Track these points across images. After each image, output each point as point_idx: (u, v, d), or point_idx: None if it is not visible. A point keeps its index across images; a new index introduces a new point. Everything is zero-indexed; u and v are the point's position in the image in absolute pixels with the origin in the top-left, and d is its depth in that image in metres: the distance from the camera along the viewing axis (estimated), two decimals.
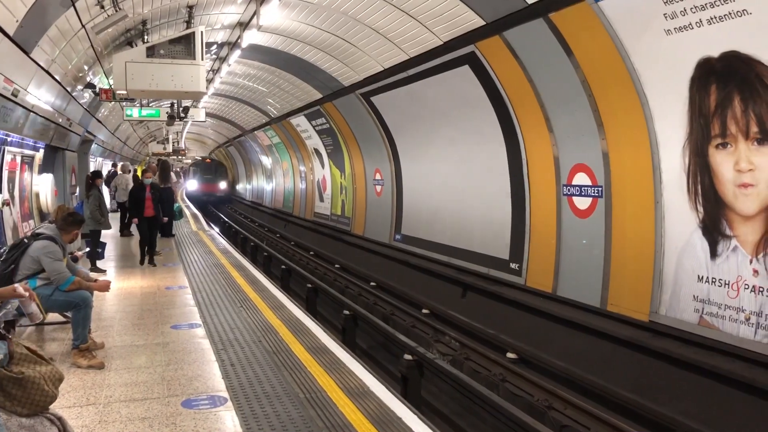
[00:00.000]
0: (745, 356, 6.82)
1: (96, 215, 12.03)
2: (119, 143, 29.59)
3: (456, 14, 10.19)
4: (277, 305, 9.05)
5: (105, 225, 12.35)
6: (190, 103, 22.61)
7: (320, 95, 18.84)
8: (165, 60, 11.01)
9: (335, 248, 21.15)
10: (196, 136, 51.77)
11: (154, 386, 5.62)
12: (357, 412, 5.05)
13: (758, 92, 6.44)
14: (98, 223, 12.08)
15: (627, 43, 7.78)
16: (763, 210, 6.63)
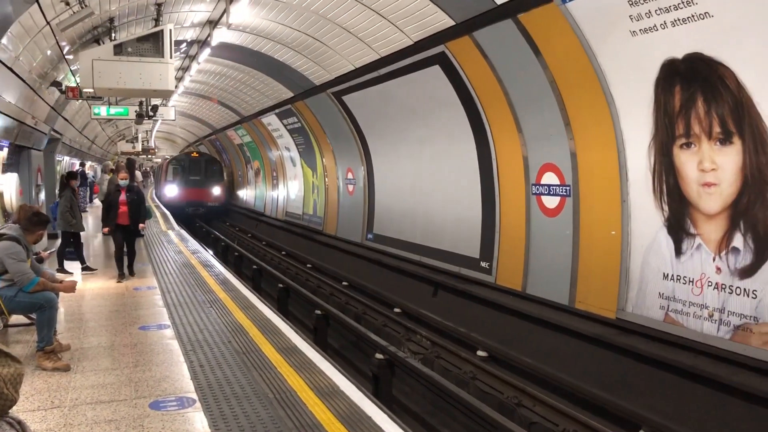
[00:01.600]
0: (709, 352, 6.95)
1: (67, 216, 11.83)
2: (87, 142, 29.14)
3: (426, 14, 10.23)
4: (247, 305, 9.00)
5: (76, 227, 12.03)
6: (159, 102, 22.34)
7: (291, 94, 18.77)
8: (133, 58, 10.87)
9: (307, 248, 21.09)
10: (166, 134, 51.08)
11: (121, 388, 5.56)
12: (327, 411, 5.05)
13: (720, 93, 6.57)
14: (68, 224, 11.88)
15: (594, 44, 7.89)
16: (725, 209, 6.76)
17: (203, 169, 33.53)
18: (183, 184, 32.83)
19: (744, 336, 6.60)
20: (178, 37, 15.27)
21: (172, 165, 34.23)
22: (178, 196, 32.77)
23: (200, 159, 34.39)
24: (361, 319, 12.68)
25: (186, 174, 33.21)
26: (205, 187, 33.04)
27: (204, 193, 32.99)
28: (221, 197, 33.80)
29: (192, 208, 32.40)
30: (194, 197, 32.54)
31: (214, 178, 33.73)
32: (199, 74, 20.59)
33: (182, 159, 35.04)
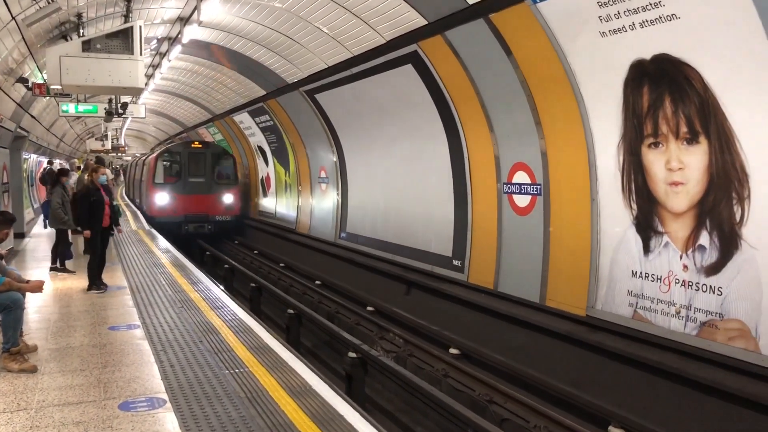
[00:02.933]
0: (676, 348, 7.07)
1: (59, 214, 11.53)
2: (55, 140, 28.65)
3: (399, 13, 10.25)
4: (219, 305, 8.93)
5: (69, 224, 11.58)
6: (129, 99, 22.06)
7: (264, 92, 18.66)
8: (102, 54, 10.71)
9: (280, 247, 21.00)
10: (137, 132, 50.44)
11: (90, 389, 5.48)
12: (299, 411, 5.04)
13: (687, 94, 6.69)
14: (61, 222, 11.60)
15: (564, 44, 7.97)
16: (692, 207, 6.89)
17: (210, 166, 23.17)
18: (179, 190, 22.63)
19: (710, 332, 6.72)
20: (148, 34, 15.10)
21: (162, 161, 23.35)
22: (173, 207, 22.41)
23: (205, 151, 23.47)
24: (334, 318, 12.67)
25: (184, 174, 22.85)
26: (212, 193, 22.87)
27: (211, 203, 22.71)
28: (235, 207, 23.53)
29: (193, 225, 22.42)
30: (197, 208, 22.45)
31: (226, 179, 23.57)
32: (170, 72, 20.36)
33: (178, 151, 23.61)
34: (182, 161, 23.13)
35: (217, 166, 23.69)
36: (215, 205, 23.00)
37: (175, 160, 23.38)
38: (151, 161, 24.19)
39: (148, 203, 23.75)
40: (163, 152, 24.35)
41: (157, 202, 22.63)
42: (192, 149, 23.50)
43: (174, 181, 22.96)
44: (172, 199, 22.57)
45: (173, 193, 22.70)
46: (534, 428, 7.24)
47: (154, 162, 23.52)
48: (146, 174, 24.73)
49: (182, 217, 22.42)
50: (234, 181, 23.81)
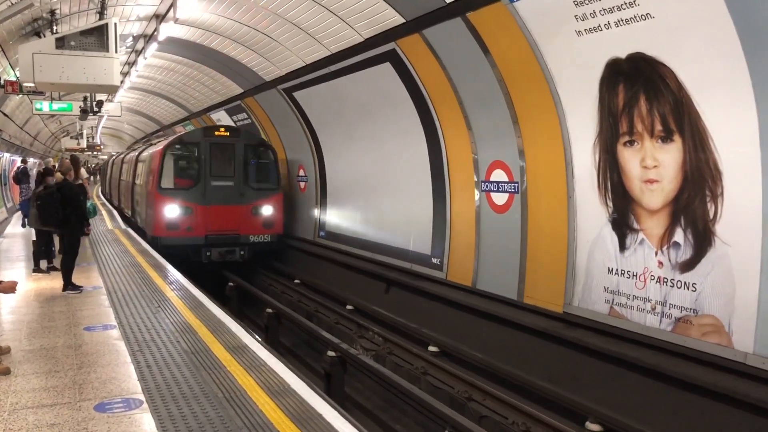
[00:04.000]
0: (651, 344, 7.16)
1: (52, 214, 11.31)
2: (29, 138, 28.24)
3: (376, 11, 10.24)
4: (196, 305, 8.87)
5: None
6: (104, 97, 21.83)
7: (241, 90, 18.55)
8: (76, 52, 10.60)
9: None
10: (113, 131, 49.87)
11: (64, 391, 5.41)
12: (277, 410, 5.02)
13: (662, 92, 6.77)
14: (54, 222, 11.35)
15: (541, 43, 8.02)
16: (667, 204, 6.97)
17: (241, 163, 16.40)
18: (198, 198, 15.89)
19: (684, 328, 6.81)
20: (123, 31, 14.95)
21: (171, 156, 16.36)
22: (188, 224, 15.75)
23: (235, 141, 16.51)
24: (313, 317, 12.65)
25: (204, 175, 16.06)
26: (246, 203, 16.31)
27: (244, 217, 16.25)
28: (277, 223, 16.86)
29: (219, 249, 15.93)
30: (224, 225, 15.99)
31: (265, 181, 16.93)
32: (146, 69, 20.17)
33: (195, 141, 16.41)
34: (202, 156, 15.85)
35: (253, 162, 16.55)
36: (249, 219, 16.04)
37: (191, 155, 16.11)
38: (155, 157, 16.44)
39: (149, 218, 16.15)
40: (173, 143, 16.38)
41: (164, 217, 15.32)
42: (215, 138, 16.03)
43: (190, 186, 15.78)
44: (188, 211, 15.54)
45: (189, 204, 15.56)
46: (512, 425, 7.29)
47: (159, 158, 15.95)
48: (145, 175, 17.55)
49: (202, 239, 15.50)
50: (275, 184, 16.72)
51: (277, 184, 17.05)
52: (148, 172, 17.31)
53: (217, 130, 16.65)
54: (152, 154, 17.32)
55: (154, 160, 16.71)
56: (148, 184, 16.92)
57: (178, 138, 17.16)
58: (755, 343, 6.08)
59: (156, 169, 16.07)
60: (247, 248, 16.21)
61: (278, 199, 16.93)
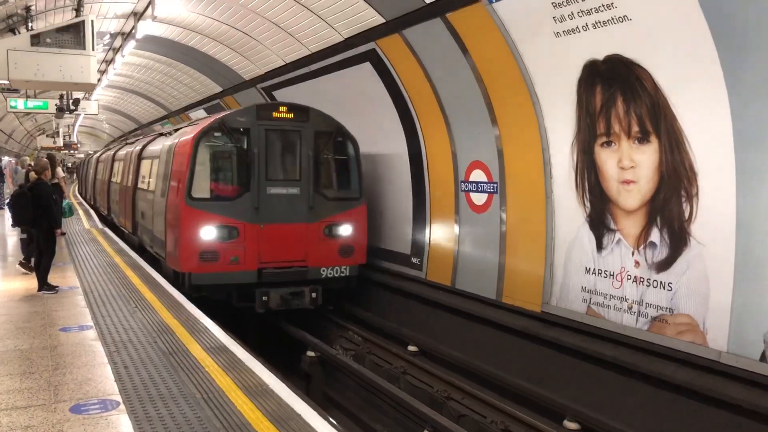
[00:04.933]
0: (628, 343, 7.23)
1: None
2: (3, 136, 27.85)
3: (356, 11, 10.25)
4: (174, 305, 8.80)
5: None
6: (81, 95, 21.59)
7: (220, 88, 18.46)
8: (52, 49, 10.48)
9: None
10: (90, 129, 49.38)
11: (39, 392, 5.34)
12: (256, 411, 5.00)
13: (638, 94, 6.84)
14: None
15: (519, 44, 8.07)
16: (643, 205, 7.05)
17: (311, 160, 11.14)
18: (247, 213, 10.68)
19: (660, 327, 6.89)
20: (100, 29, 14.80)
21: (208, 146, 10.80)
22: (233, 252, 10.59)
23: (301, 127, 11.16)
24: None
25: (257, 176, 10.80)
26: (316, 219, 11.15)
27: (314, 240, 11.13)
28: (358, 248, 11.63)
29: (280, 292, 10.73)
30: (285, 253, 10.92)
31: (343, 187, 11.85)
32: (124, 67, 19.99)
33: (244, 126, 10.84)
34: (253, 149, 10.70)
35: (325, 158, 11.47)
36: (322, 244, 11.07)
37: (238, 147, 10.82)
38: (180, 151, 11.20)
39: (172, 244, 11.01)
40: (211, 129, 10.76)
41: (198, 243, 10.33)
42: (274, 122, 10.91)
43: (234, 195, 10.71)
44: (232, 234, 10.50)
45: (234, 222, 10.53)
46: (491, 423, 7.34)
47: (188, 152, 10.60)
48: (159, 179, 12.39)
49: (254, 275, 10.58)
50: (358, 191, 11.59)
51: (360, 191, 11.49)
52: (167, 175, 11.57)
53: (276, 110, 10.90)
54: (174, 148, 11.58)
55: (178, 156, 11.13)
56: (169, 192, 11.16)
57: (218, 121, 10.71)
58: (729, 341, 6.17)
59: (183, 169, 10.50)
60: (320, 287, 10.89)
61: (361, 213, 11.44)
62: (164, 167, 12.04)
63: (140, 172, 15.16)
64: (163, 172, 12.04)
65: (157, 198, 12.23)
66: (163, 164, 12.16)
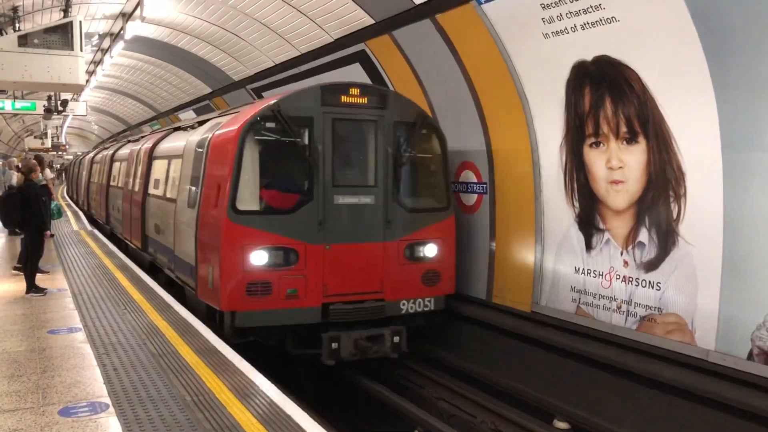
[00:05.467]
0: (618, 342, 7.26)
1: None
2: None
3: (346, 12, 10.26)
4: (163, 306, 8.77)
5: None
6: (69, 96, 21.49)
7: (209, 89, 18.42)
8: (40, 50, 10.42)
9: None
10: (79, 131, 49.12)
11: (27, 395, 5.31)
12: (246, 412, 4.99)
13: (626, 94, 6.88)
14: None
15: (509, 45, 8.09)
16: (632, 205, 7.09)
17: (388, 160, 8.47)
18: (309, 230, 8.04)
19: (649, 326, 6.93)
20: (89, 30, 14.73)
21: (257, 141, 8.07)
22: (289, 282, 7.94)
23: (378, 115, 8.44)
24: None
25: (320, 179, 8.13)
26: (393, 237, 8.46)
27: (392, 264, 8.44)
28: (445, 274, 8.92)
29: (354, 336, 8.05)
30: (355, 284, 8.27)
31: (428, 194, 9.18)
32: (113, 68, 19.91)
33: (305, 113, 8.14)
34: (316, 144, 8.19)
35: (407, 157, 8.78)
36: (401, 269, 8.60)
37: (294, 143, 8.18)
38: (219, 147, 8.64)
39: (206, 270, 8.42)
40: (262, 118, 8.08)
41: (244, 270, 7.85)
42: (343, 109, 8.38)
43: (293, 205, 8.19)
44: (289, 258, 8.04)
45: (291, 241, 8.05)
46: (481, 423, 7.35)
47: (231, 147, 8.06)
48: (185, 183, 9.83)
49: (316, 312, 8.12)
50: (445, 199, 9.06)
51: (448, 199, 8.97)
52: (198, 179, 8.95)
53: (346, 93, 8.33)
54: (207, 144, 8.89)
55: (215, 154, 8.59)
56: (202, 202, 8.59)
57: (270, 107, 8.00)
58: (717, 340, 6.22)
59: (224, 172, 8.04)
60: (404, 328, 8.41)
61: (449, 228, 8.94)
62: (191, 169, 9.45)
63: (152, 174, 12.56)
64: (190, 175, 9.41)
65: (182, 208, 9.64)
66: (190, 165, 9.60)
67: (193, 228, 8.78)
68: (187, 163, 9.85)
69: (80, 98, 23.30)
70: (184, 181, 9.83)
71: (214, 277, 7.96)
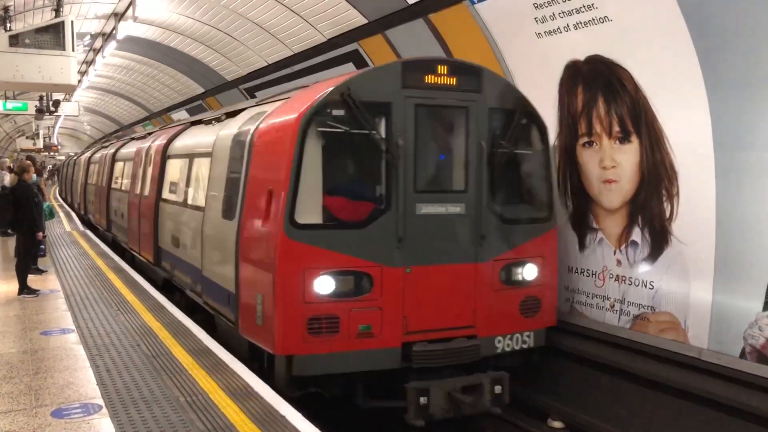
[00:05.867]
0: (611, 341, 7.27)
1: None
2: None
3: (339, 11, 10.26)
4: (156, 307, 8.74)
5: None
6: (61, 97, 21.40)
7: (202, 89, 18.38)
8: (31, 50, 10.39)
9: None
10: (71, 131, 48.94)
11: (20, 397, 5.28)
12: (240, 413, 4.98)
13: (619, 94, 6.90)
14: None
15: (502, 44, 8.11)
16: (624, 204, 7.10)
17: (481, 158, 6.65)
18: (385, 249, 6.26)
19: (642, 325, 6.94)
20: (81, 29, 14.67)
21: (321, 132, 6.21)
22: (361, 317, 6.16)
23: (469, 101, 6.61)
24: None
25: (399, 185, 6.30)
26: (487, 256, 6.68)
27: (482, 290, 6.64)
28: (547, 301, 7.16)
29: (447, 386, 6.20)
30: (443, 318, 6.47)
31: (528, 201, 7.34)
32: (105, 69, 19.84)
33: (382, 97, 6.30)
34: (396, 137, 6.31)
35: (503, 154, 6.80)
36: (498, 297, 6.79)
37: (371, 132, 6.27)
38: (267, 139, 6.84)
39: (251, 299, 6.57)
40: (327, 103, 6.18)
41: (306, 301, 6.05)
42: (427, 90, 6.49)
43: (365, 216, 6.36)
44: (361, 285, 6.24)
45: (364, 263, 6.24)
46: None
47: (288, 142, 6.16)
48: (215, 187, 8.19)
49: (395, 355, 6.28)
50: (546, 206, 7.25)
51: (550, 207, 7.27)
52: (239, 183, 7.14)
53: (432, 70, 6.56)
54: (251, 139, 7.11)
55: (262, 152, 6.89)
56: (245, 212, 6.90)
57: (339, 90, 6.23)
58: (709, 339, 6.24)
59: (277, 174, 6.31)
60: (507, 376, 6.61)
61: (551, 243, 7.27)
62: (226, 170, 7.73)
63: (166, 176, 11.04)
64: (224, 177, 7.71)
65: (213, 219, 7.95)
66: (222, 165, 7.88)
67: (232, 245, 6.97)
68: (218, 162, 8.11)
69: (72, 98, 23.22)
70: (214, 185, 8.10)
71: (264, 310, 6.20)
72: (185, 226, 9.44)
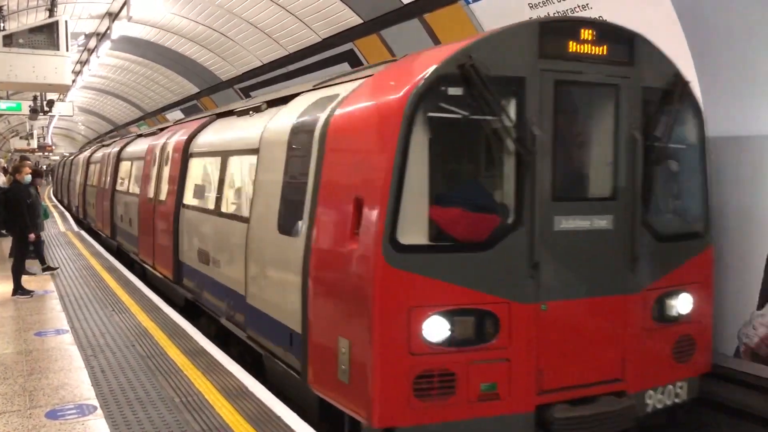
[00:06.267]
0: None
1: None
2: None
3: (334, 11, 10.25)
4: (151, 308, 8.72)
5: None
6: (56, 97, 21.34)
7: (197, 89, 18.36)
8: (25, 50, 10.36)
9: None
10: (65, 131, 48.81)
11: (14, 398, 5.27)
12: (235, 413, 4.97)
13: None
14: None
15: None
16: None
17: (637, 154, 4.90)
18: (515, 277, 4.52)
19: None
20: (75, 29, 14.63)
21: (430, 123, 4.42)
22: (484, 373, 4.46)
23: (619, 78, 4.85)
24: None
25: (530, 192, 4.51)
26: (638, 286, 4.95)
27: (632, 330, 4.92)
28: (701, 341, 5.35)
29: None
30: (582, 372, 4.76)
31: (682, 211, 5.68)
32: (99, 68, 19.79)
33: (512, 71, 4.51)
34: (530, 125, 4.49)
35: (659, 148, 5.08)
36: (649, 339, 5.06)
37: (497, 119, 4.50)
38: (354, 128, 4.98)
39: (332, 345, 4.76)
40: (440, 78, 4.39)
41: (412, 351, 4.31)
42: (570, 62, 4.70)
43: (487, 234, 4.57)
44: (485, 328, 4.50)
45: (487, 298, 4.49)
46: None
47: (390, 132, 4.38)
48: (262, 194, 6.35)
49: (527, 419, 4.57)
50: (701, 217, 5.43)
51: (706, 219, 5.47)
52: (306, 189, 5.38)
53: (575, 37, 4.75)
54: (327, 128, 5.23)
55: (345, 144, 5.08)
56: (323, 226, 5.09)
57: (457, 60, 4.38)
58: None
59: (371, 177, 4.54)
60: None
61: (706, 266, 5.50)
62: (282, 173, 5.94)
63: (189, 178, 9.34)
64: (280, 181, 5.94)
65: (263, 234, 6.20)
66: (277, 166, 6.05)
67: (297, 269, 5.30)
68: (269, 161, 6.30)
69: (66, 98, 23.15)
70: (264, 190, 6.29)
71: (352, 362, 4.56)
72: (219, 239, 7.69)
